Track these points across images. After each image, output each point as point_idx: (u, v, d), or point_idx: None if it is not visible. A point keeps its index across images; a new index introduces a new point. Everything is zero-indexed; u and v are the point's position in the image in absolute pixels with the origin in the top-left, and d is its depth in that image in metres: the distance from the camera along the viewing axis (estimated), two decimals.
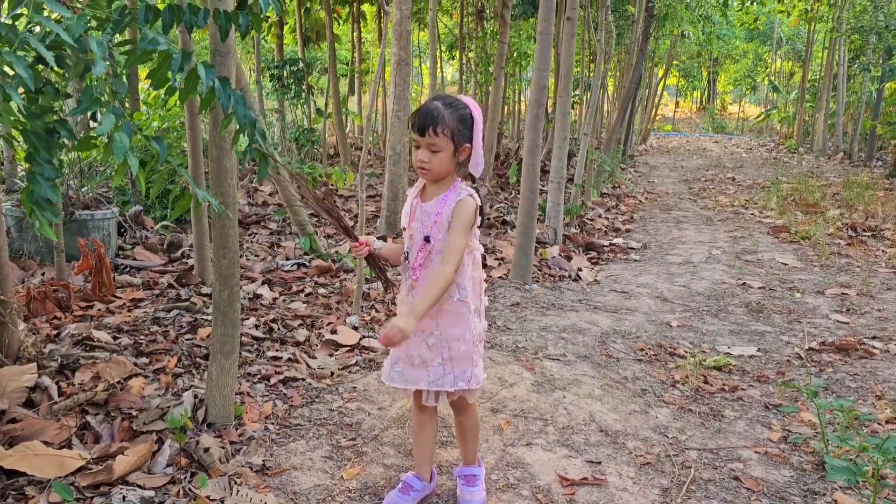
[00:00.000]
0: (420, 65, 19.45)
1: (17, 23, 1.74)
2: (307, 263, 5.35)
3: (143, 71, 8.29)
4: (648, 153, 19.99)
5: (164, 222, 6.03)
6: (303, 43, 11.40)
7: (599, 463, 2.92)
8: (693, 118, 37.87)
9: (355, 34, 12.66)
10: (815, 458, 3.05)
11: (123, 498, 2.32)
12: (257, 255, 5.70)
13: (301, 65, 10.51)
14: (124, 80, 1.98)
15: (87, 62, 1.77)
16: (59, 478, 2.37)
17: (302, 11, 11.25)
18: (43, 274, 4.57)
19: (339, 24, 12.56)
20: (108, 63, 1.71)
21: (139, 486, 2.41)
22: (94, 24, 2.18)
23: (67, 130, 1.73)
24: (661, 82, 23.44)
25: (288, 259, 5.51)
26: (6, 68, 1.53)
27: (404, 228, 2.24)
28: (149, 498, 2.37)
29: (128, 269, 5.04)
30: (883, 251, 7.27)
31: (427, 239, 2.16)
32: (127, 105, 7.70)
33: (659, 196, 11.53)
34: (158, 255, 5.43)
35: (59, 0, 1.74)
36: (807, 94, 21.32)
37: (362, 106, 15.53)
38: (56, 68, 1.63)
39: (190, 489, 2.45)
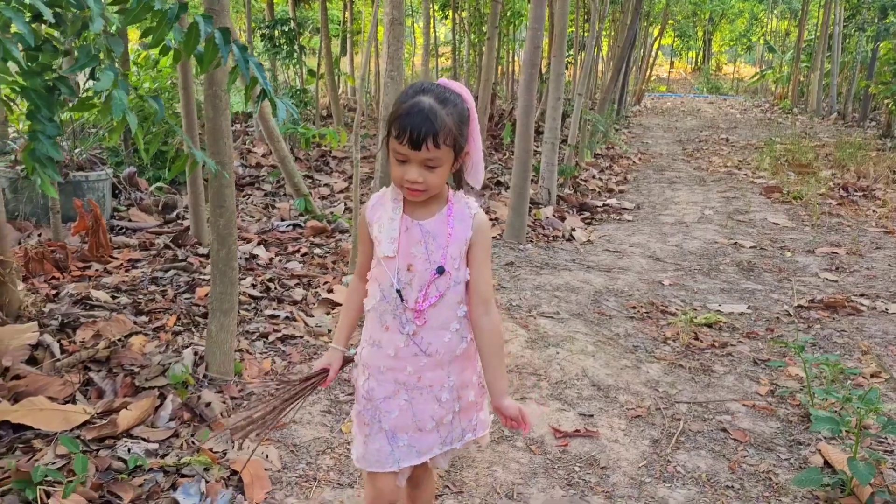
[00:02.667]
0: (413, 24, 19.22)
1: None
2: (302, 224, 5.37)
3: (132, 32, 8.18)
4: (642, 114, 19.91)
5: (159, 184, 6.03)
6: (294, 2, 11.24)
7: (591, 416, 3.00)
8: (688, 78, 37.61)
9: None
10: (801, 411, 3.13)
11: (129, 450, 2.38)
12: (252, 217, 5.72)
13: (292, 24, 10.39)
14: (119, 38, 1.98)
15: (84, 19, 1.78)
16: (65, 431, 2.42)
17: None
18: (39, 235, 4.59)
19: None
20: (104, 20, 1.71)
21: (143, 439, 2.47)
22: None
23: (67, 87, 1.74)
24: (656, 42, 23.26)
25: (283, 220, 5.53)
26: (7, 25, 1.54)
27: (389, 257, 1.64)
28: (153, 450, 2.43)
29: (123, 231, 5.05)
30: (873, 211, 7.33)
31: (441, 270, 1.63)
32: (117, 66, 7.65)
33: (652, 157, 11.54)
34: (153, 216, 5.44)
35: None
36: (802, 53, 21.19)
37: (354, 66, 15.38)
38: (54, 23, 1.63)
39: (193, 442, 2.51)
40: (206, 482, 2.30)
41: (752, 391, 3.32)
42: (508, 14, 13.35)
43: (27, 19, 1.64)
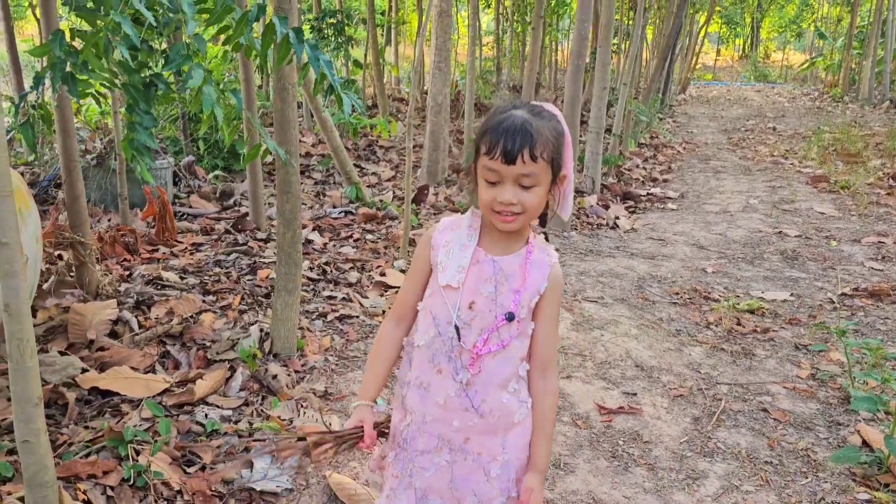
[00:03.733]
0: (456, 14, 19.32)
1: None
2: (353, 211, 5.58)
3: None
4: (687, 103, 19.72)
5: (216, 172, 6.28)
6: None
7: (635, 394, 3.13)
8: (735, 66, 36.98)
9: None
10: (841, 394, 3.22)
11: (206, 416, 2.59)
12: (305, 204, 5.94)
13: (340, 16, 10.60)
14: (203, 38, 2.17)
15: (176, 22, 1.97)
16: (148, 397, 2.65)
17: None
18: (109, 220, 4.87)
19: None
20: (197, 22, 1.90)
21: (217, 407, 2.69)
22: None
23: (163, 83, 1.94)
24: (703, 30, 22.96)
25: (335, 207, 5.74)
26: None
27: (452, 287, 1.46)
28: (227, 416, 2.64)
29: (185, 216, 5.31)
30: None
31: (511, 316, 1.43)
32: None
33: (697, 146, 11.49)
34: (212, 203, 5.69)
35: None
36: (854, 40, 20.70)
37: (399, 56, 15.55)
38: (154, 25, 1.83)
39: (262, 410, 2.72)
40: None
41: (793, 374, 3.41)
42: (553, 4, 13.40)
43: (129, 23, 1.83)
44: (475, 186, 1.43)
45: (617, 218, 6.17)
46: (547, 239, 1.53)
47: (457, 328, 1.44)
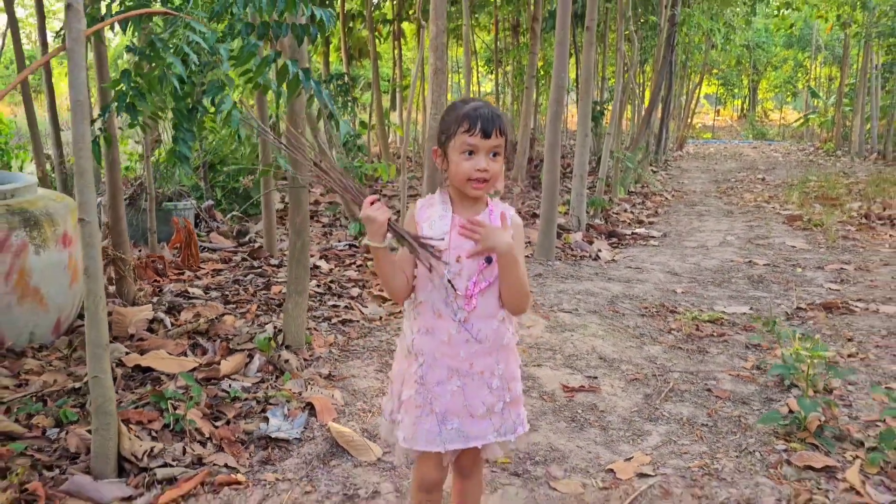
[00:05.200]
0: (459, 80, 20.30)
1: (169, 38, 2.57)
2: (357, 245, 6.16)
3: None
4: (683, 159, 20.44)
5: (233, 213, 6.91)
6: (347, 60, 12.33)
7: (596, 378, 3.63)
8: (734, 125, 37.97)
9: (396, 52, 13.55)
10: (779, 379, 3.70)
11: (230, 386, 3.12)
12: (313, 241, 6.54)
13: (346, 79, 11.43)
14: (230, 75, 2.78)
15: (213, 62, 2.58)
16: (182, 372, 3.18)
17: (345, 30, 12.20)
18: (140, 250, 5.45)
19: (380, 41, 13.45)
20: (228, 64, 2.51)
21: (239, 381, 3.21)
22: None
23: (203, 108, 2.54)
24: (697, 90, 23.89)
25: (340, 241, 6.32)
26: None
27: (439, 251, 1.79)
28: (247, 388, 3.16)
29: (206, 249, 5.90)
30: (891, 235, 7.77)
31: (489, 259, 1.81)
32: None
33: (686, 194, 12.09)
34: (229, 240, 6.29)
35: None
36: (845, 97, 21.54)
37: (403, 119, 16.42)
38: (197, 64, 2.43)
39: (276, 385, 3.24)
40: (289, 409, 3.01)
41: (739, 366, 3.90)
42: (545, 64, 14.25)
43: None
44: (447, 165, 1.82)
45: (599, 251, 6.72)
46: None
47: (450, 281, 1.82)
